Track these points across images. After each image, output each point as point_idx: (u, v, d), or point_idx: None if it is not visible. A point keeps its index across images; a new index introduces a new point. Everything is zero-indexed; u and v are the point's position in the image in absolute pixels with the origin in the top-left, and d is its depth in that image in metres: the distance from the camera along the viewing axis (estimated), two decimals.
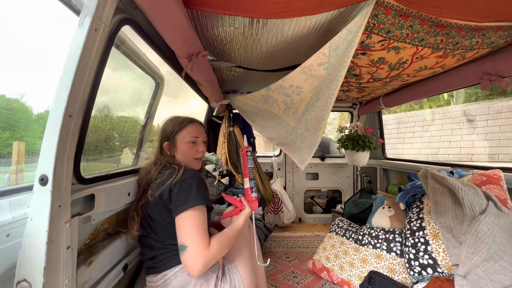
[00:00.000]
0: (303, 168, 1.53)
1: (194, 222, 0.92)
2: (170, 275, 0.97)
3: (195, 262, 0.88)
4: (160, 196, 0.98)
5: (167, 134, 1.16)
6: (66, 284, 0.70)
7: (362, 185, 3.18)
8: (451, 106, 5.79)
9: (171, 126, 1.17)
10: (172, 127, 1.17)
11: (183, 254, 0.89)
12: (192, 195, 0.95)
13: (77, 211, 0.80)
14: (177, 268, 0.98)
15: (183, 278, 0.96)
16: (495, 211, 1.11)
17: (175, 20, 0.97)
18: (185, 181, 0.98)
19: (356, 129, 2.60)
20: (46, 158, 0.63)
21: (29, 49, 1.40)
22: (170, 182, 0.98)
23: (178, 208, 0.93)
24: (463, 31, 1.14)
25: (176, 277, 0.97)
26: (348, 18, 1.20)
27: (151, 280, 1.02)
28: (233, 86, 2.56)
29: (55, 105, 0.65)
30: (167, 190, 0.97)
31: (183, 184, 0.98)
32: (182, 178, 0.99)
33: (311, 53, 1.26)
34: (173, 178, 0.99)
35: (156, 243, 1.01)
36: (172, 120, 1.20)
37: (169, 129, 1.17)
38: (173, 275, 0.97)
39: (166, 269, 0.98)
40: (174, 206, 0.95)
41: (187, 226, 0.92)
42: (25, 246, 0.63)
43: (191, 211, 0.93)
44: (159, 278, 0.99)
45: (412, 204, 1.63)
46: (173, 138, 1.15)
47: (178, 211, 0.93)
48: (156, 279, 1.00)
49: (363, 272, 1.54)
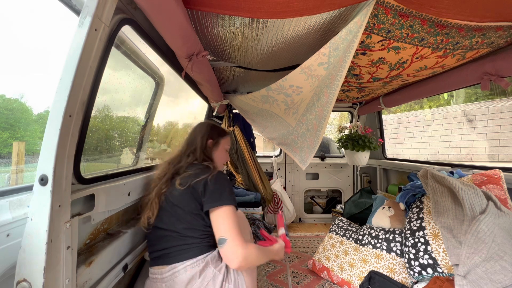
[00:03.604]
0: (304, 168, 1.53)
1: (231, 219, 0.98)
2: (180, 268, 0.97)
3: (235, 254, 0.93)
4: (194, 187, 1.02)
5: (213, 134, 1.27)
6: (66, 284, 0.70)
7: (362, 185, 3.18)
8: (451, 106, 5.80)
9: (218, 129, 1.31)
10: (219, 130, 1.31)
11: (223, 247, 0.94)
12: (227, 194, 1.02)
13: (77, 211, 0.80)
14: (188, 262, 0.98)
15: (192, 274, 0.97)
16: (495, 211, 1.11)
17: (175, 20, 0.97)
18: (220, 179, 1.05)
19: (356, 129, 2.60)
20: (46, 158, 0.63)
21: (29, 49, 1.40)
22: (206, 176, 1.03)
23: (214, 202, 0.98)
24: (463, 31, 1.14)
25: (185, 271, 0.97)
26: (348, 18, 1.20)
27: (156, 272, 1.01)
28: (233, 86, 2.56)
29: (55, 105, 0.65)
30: (202, 182, 1.02)
31: (218, 182, 1.04)
32: (217, 176, 1.05)
33: (311, 53, 1.26)
34: (209, 173, 1.04)
35: (172, 233, 1.01)
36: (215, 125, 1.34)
37: (216, 130, 1.30)
38: (182, 269, 0.97)
39: (176, 261, 0.99)
40: (209, 199, 0.99)
41: (224, 221, 0.97)
42: (25, 246, 0.63)
43: (227, 207, 0.98)
44: (167, 270, 0.98)
45: (412, 204, 1.63)
46: (218, 139, 1.28)
47: (214, 204, 0.98)
48: (163, 271, 0.99)
49: (363, 272, 1.54)
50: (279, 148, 3.12)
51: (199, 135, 1.25)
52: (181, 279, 0.96)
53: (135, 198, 1.17)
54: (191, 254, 0.99)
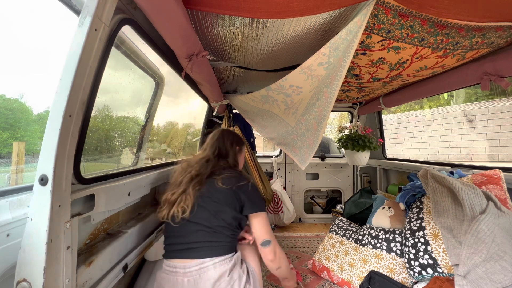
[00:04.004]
0: (304, 168, 1.54)
1: (268, 224, 1.13)
2: (209, 264, 0.99)
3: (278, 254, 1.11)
4: (237, 190, 1.09)
5: (239, 142, 1.38)
6: (66, 284, 0.70)
7: (362, 185, 3.18)
8: (451, 106, 5.79)
9: (240, 137, 1.43)
10: (241, 138, 1.42)
11: (268, 247, 1.09)
12: (263, 202, 1.16)
13: (77, 211, 0.80)
14: (217, 259, 1.00)
15: (222, 271, 0.99)
16: (495, 211, 1.11)
17: (175, 20, 0.97)
18: (256, 187, 1.18)
19: (356, 129, 2.60)
20: (46, 158, 0.63)
21: (29, 49, 1.40)
22: (247, 183, 1.13)
23: (256, 207, 1.10)
24: (463, 31, 1.14)
25: (214, 268, 0.99)
26: (348, 18, 1.20)
27: (177, 265, 1.02)
28: (233, 86, 2.56)
29: (55, 105, 0.65)
30: (244, 188, 1.11)
31: (256, 189, 1.17)
32: (254, 184, 1.17)
33: (311, 53, 1.26)
34: (248, 180, 1.15)
35: (206, 228, 1.03)
36: (237, 133, 1.48)
37: (240, 138, 1.41)
38: (212, 265, 0.99)
39: (205, 257, 1.00)
40: (251, 205, 1.09)
41: (265, 225, 1.11)
42: (25, 246, 0.63)
43: (264, 213, 1.12)
44: (193, 264, 0.99)
45: (412, 204, 1.63)
46: (241, 147, 1.40)
47: (255, 210, 1.10)
48: (187, 265, 1.00)
49: (363, 272, 1.54)
50: (279, 148, 3.12)
51: (228, 141, 1.33)
52: (210, 275, 0.98)
53: (135, 198, 1.17)
54: (220, 252, 1.02)
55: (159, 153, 2.53)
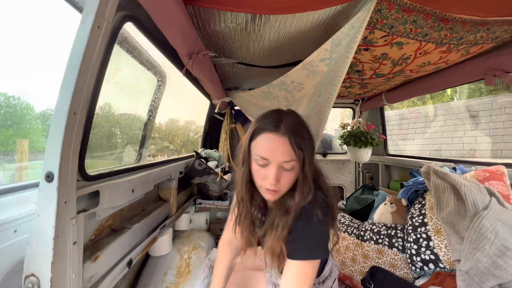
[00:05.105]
0: None
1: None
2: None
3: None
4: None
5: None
6: (73, 279, 0.71)
7: (364, 181, 3.18)
8: (454, 101, 5.74)
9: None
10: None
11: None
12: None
13: (82, 208, 0.81)
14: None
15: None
16: (498, 207, 1.11)
17: (175, 19, 0.97)
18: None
19: (358, 125, 2.59)
20: (51, 155, 0.64)
21: (32, 46, 1.41)
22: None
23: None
24: (468, 26, 1.13)
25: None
26: (351, 13, 1.19)
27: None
28: (235, 83, 2.55)
29: (60, 103, 0.66)
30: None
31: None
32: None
33: (313, 49, 1.25)
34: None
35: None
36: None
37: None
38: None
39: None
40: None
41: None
42: (33, 242, 0.64)
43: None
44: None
45: (414, 200, 1.63)
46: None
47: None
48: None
49: (365, 267, 1.54)
50: None
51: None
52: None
53: (139, 195, 1.18)
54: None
55: (161, 149, 2.54)
